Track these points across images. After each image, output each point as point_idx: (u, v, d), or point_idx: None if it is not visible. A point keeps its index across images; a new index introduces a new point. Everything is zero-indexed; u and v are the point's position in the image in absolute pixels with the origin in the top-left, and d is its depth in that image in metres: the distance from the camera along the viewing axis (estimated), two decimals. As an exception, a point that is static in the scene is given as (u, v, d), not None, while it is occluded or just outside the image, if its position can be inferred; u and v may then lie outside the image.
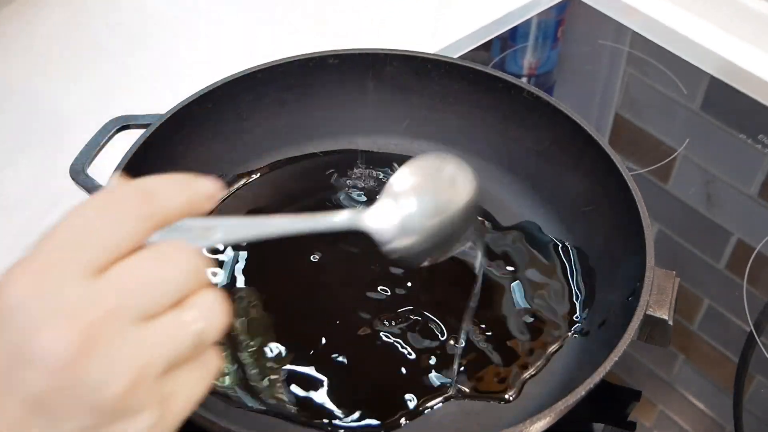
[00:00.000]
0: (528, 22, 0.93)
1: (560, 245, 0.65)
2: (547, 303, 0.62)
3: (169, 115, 0.62)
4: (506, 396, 0.56)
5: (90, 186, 0.58)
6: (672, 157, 0.78)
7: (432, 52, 0.78)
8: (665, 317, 0.52)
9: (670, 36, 0.90)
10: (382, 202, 0.47)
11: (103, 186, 0.57)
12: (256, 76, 0.67)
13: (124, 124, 0.62)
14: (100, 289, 0.32)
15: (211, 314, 0.35)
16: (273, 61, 0.67)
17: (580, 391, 0.48)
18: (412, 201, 0.47)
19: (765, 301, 0.67)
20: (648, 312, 0.52)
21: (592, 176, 0.64)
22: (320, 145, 0.72)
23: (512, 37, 0.91)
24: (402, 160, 0.69)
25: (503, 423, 0.55)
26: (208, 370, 0.36)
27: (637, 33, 0.92)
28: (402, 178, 0.48)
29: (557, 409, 0.48)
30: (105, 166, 0.61)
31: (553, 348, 0.59)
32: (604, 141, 0.62)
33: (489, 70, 0.69)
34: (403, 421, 0.55)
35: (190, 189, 0.36)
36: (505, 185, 0.70)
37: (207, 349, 0.35)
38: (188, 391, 0.35)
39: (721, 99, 0.85)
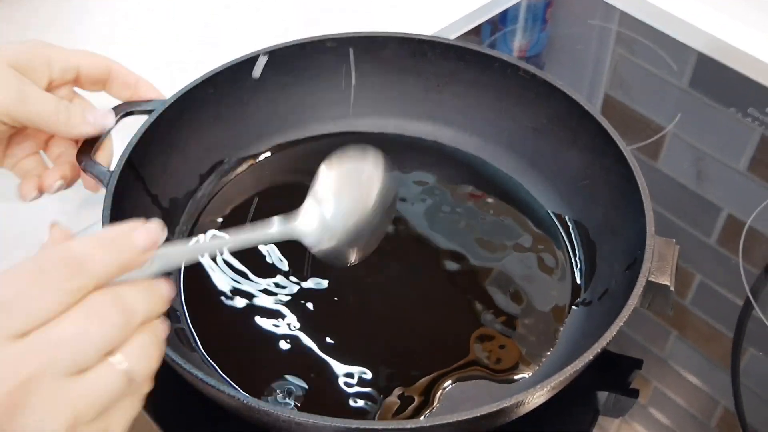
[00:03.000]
0: (517, 5, 0.94)
1: (560, 219, 0.66)
2: (549, 276, 0.63)
3: (172, 101, 0.63)
4: (525, 375, 0.58)
5: (97, 172, 0.59)
6: (662, 134, 0.79)
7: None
8: (667, 283, 0.54)
9: (658, 14, 0.91)
10: (307, 208, 0.50)
11: (109, 172, 0.58)
12: (257, 60, 0.68)
13: (128, 110, 0.62)
14: (28, 349, 0.34)
15: (142, 358, 0.37)
16: (272, 46, 0.68)
17: (588, 356, 0.49)
18: (333, 203, 0.50)
19: (757, 274, 0.67)
20: (650, 279, 0.53)
21: (590, 151, 0.65)
22: (321, 127, 0.73)
23: (502, 21, 0.92)
24: (400, 141, 0.72)
25: (513, 390, 0.56)
26: (140, 397, 0.38)
27: (625, 12, 0.93)
28: (322, 180, 0.51)
29: (566, 374, 0.49)
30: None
31: (557, 323, 0.60)
32: (600, 116, 0.64)
33: (485, 50, 0.70)
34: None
35: (123, 252, 0.38)
36: (503, 163, 0.71)
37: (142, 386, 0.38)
38: (122, 418, 0.37)
39: (710, 75, 0.86)
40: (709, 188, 0.75)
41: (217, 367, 0.57)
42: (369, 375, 0.57)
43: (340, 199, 0.50)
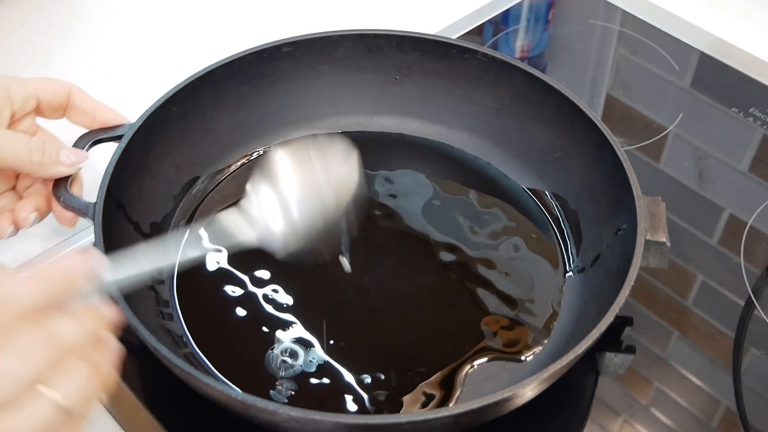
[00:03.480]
0: (519, 5, 0.93)
1: (536, 194, 0.68)
2: (537, 251, 0.65)
3: (139, 124, 0.61)
4: (537, 349, 0.59)
5: (78, 205, 0.57)
6: (663, 134, 0.79)
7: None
8: (663, 239, 0.56)
9: (660, 14, 0.91)
10: (261, 215, 0.51)
11: (92, 203, 0.57)
12: (215, 73, 0.67)
13: (96, 138, 0.61)
14: None
15: (76, 388, 0.37)
16: (230, 57, 0.67)
17: (609, 317, 0.50)
18: (289, 204, 0.51)
19: (758, 273, 0.67)
20: (647, 237, 0.55)
21: (557, 123, 0.67)
22: (283, 134, 0.72)
23: (504, 21, 0.92)
24: (364, 137, 0.73)
25: (530, 365, 0.57)
26: (81, 425, 0.38)
27: (627, 12, 0.93)
28: (272, 181, 0.51)
29: (586, 343, 0.49)
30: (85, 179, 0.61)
31: (556, 294, 0.62)
32: (564, 88, 0.65)
33: (439, 37, 0.70)
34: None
35: (52, 283, 0.38)
36: (471, 146, 0.72)
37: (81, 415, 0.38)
38: None
39: (712, 75, 0.86)
40: (710, 188, 0.75)
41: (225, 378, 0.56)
42: (383, 376, 0.57)
43: (302, 199, 0.51)
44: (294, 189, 0.52)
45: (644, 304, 0.64)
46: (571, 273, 0.63)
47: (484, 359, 0.58)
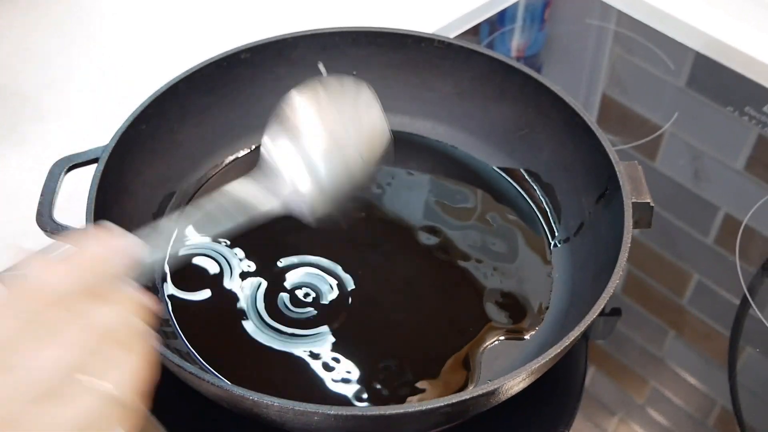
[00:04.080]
0: (515, 5, 0.94)
1: (508, 172, 0.70)
2: (520, 227, 0.66)
3: (113, 144, 0.60)
4: (541, 319, 0.60)
5: (62, 232, 0.56)
6: (659, 133, 0.79)
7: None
8: (648, 200, 0.58)
9: (655, 14, 0.91)
10: (284, 176, 0.46)
11: (74, 228, 0.56)
12: (178, 87, 0.66)
13: (70, 164, 0.59)
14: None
15: (122, 376, 0.36)
16: (190, 69, 0.66)
17: (615, 279, 0.52)
18: (313, 160, 0.47)
19: (753, 272, 0.68)
20: (633, 200, 0.57)
21: (521, 101, 0.68)
22: (247, 142, 0.72)
23: (500, 20, 0.93)
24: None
25: (537, 340, 0.59)
26: (131, 415, 0.37)
27: (622, 12, 0.94)
28: (291, 136, 0.47)
29: (595, 312, 0.51)
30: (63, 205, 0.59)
31: (546, 266, 0.64)
32: (524, 66, 0.67)
33: (393, 29, 0.71)
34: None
35: (83, 267, 0.37)
36: (435, 133, 0.73)
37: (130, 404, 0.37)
38: None
39: (707, 74, 0.87)
40: (706, 187, 0.76)
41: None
42: (394, 366, 0.58)
43: (326, 153, 0.47)
44: (316, 142, 0.47)
45: (639, 303, 0.66)
46: (555, 243, 0.65)
47: (493, 338, 0.59)
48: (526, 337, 0.59)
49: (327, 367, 0.57)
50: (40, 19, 0.88)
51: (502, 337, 0.59)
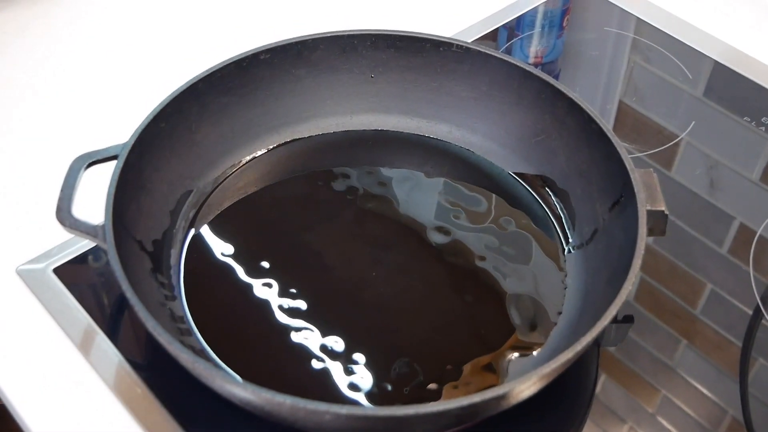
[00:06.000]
0: (534, 11, 0.94)
1: (523, 177, 0.70)
2: (534, 233, 0.67)
3: (133, 141, 0.61)
4: (555, 324, 0.61)
5: (82, 228, 0.57)
6: (675, 141, 0.79)
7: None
8: (662, 208, 0.58)
9: (674, 22, 0.92)
10: None
11: (96, 225, 0.56)
12: (197, 86, 0.66)
13: (90, 161, 0.60)
14: None
15: None
16: (210, 69, 0.67)
17: (628, 286, 0.52)
18: None
19: (767, 283, 0.68)
20: (648, 208, 0.57)
21: (537, 107, 0.68)
22: (265, 142, 0.72)
23: (518, 26, 0.93)
24: (344, 138, 0.73)
25: (551, 345, 0.59)
26: None
27: (641, 20, 0.94)
28: None
29: (609, 315, 0.51)
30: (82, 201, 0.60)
31: (560, 272, 0.64)
32: (540, 72, 0.67)
33: (411, 33, 0.71)
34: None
35: None
36: (451, 137, 0.73)
37: None
38: None
39: (725, 84, 0.87)
40: (721, 197, 0.75)
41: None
42: (407, 366, 0.58)
43: None
44: None
45: (652, 311, 0.65)
46: (569, 249, 0.65)
47: (514, 345, 0.59)
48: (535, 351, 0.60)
49: (340, 367, 0.57)
50: (60, 16, 0.89)
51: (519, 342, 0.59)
